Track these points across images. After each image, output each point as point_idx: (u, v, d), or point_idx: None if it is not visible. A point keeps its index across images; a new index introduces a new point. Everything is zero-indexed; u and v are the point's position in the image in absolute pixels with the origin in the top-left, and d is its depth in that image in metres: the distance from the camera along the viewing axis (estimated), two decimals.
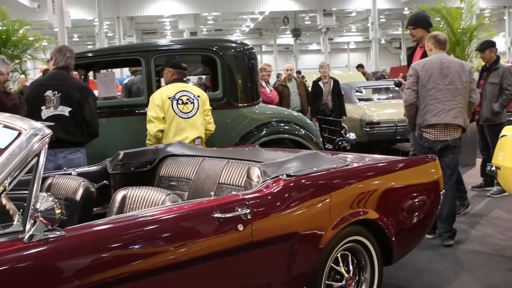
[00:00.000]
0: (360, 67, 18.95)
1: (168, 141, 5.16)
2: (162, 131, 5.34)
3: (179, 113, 5.34)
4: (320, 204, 3.42)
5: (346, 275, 3.66)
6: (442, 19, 10.32)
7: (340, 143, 7.77)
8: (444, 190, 4.38)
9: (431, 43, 5.64)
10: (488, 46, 7.67)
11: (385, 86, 13.58)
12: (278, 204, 3.19)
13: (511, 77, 7.52)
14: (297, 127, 6.41)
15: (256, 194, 3.17)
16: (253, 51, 6.55)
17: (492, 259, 5.11)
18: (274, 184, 3.26)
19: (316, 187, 3.45)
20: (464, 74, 5.48)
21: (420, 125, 5.54)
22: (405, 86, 5.79)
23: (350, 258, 3.72)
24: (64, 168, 4.41)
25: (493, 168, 5.42)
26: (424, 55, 6.05)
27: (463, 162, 9.38)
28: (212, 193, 3.25)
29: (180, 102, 5.37)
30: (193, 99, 5.44)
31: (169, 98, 5.34)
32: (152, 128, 5.32)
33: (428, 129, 5.48)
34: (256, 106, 6.39)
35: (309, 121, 7.02)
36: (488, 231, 5.97)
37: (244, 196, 3.11)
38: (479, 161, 8.52)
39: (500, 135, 5.61)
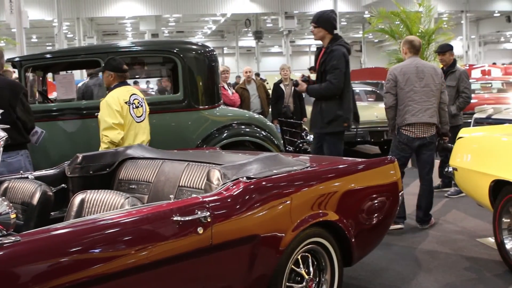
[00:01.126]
0: (312, 69, 19.30)
1: None
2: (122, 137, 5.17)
3: (135, 118, 5.23)
4: (280, 207, 3.42)
5: (307, 277, 3.67)
6: (401, 23, 10.49)
7: (301, 145, 7.81)
8: (403, 191, 4.45)
9: (407, 47, 6.14)
10: (448, 49, 7.81)
11: None
12: (238, 206, 3.18)
13: (468, 80, 7.70)
14: (258, 130, 6.43)
15: (216, 197, 3.16)
16: (214, 53, 6.54)
17: (450, 259, 5.20)
18: (234, 187, 3.26)
19: (276, 189, 3.46)
20: (437, 77, 6.02)
21: (400, 125, 5.99)
22: (302, 87, 6.07)
23: (310, 260, 3.73)
24: (21, 172, 4.32)
25: (451, 169, 5.56)
26: (324, 56, 5.95)
27: None
28: (171, 196, 3.23)
29: (134, 106, 5.24)
30: (141, 102, 5.34)
31: (126, 102, 5.18)
32: (115, 135, 5.07)
33: (408, 127, 5.95)
34: (217, 109, 6.38)
35: (270, 123, 7.04)
36: (446, 231, 6.07)
37: (204, 199, 3.09)
38: (437, 162, 8.64)
39: (457, 137, 5.73)
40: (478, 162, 5.29)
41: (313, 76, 6.33)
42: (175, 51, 6.19)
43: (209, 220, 3.02)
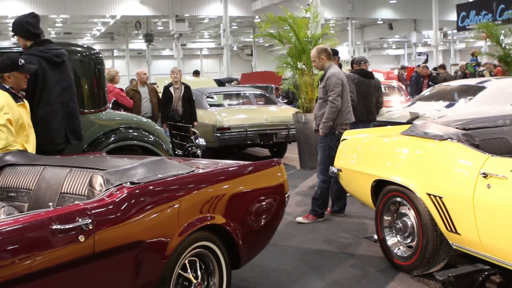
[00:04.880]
0: (196, 73, 19.58)
1: None
2: None
3: None
4: (165, 211, 3.39)
5: (195, 281, 3.65)
6: (289, 28, 10.68)
7: (190, 149, 7.78)
8: (289, 193, 4.52)
9: (325, 55, 6.53)
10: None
11: (236, 92, 13.87)
12: (121, 212, 3.11)
13: (352, 84, 7.95)
14: (146, 134, 6.34)
15: (98, 203, 3.07)
16: (100, 55, 6.37)
17: (336, 257, 5.36)
18: (117, 192, 3.18)
19: (161, 194, 3.42)
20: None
21: (341, 124, 6.53)
22: None
23: (198, 264, 3.72)
24: None
25: (335, 170, 5.73)
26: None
27: (310, 165, 9.80)
28: (51, 203, 3.11)
29: None
30: None
31: None
32: None
33: (346, 126, 6.56)
34: (104, 112, 6.22)
35: (159, 127, 6.95)
36: (332, 230, 6.26)
37: (86, 206, 3.00)
38: None
39: (341, 138, 5.92)
40: (360, 163, 5.49)
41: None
42: None
43: (91, 227, 2.93)
